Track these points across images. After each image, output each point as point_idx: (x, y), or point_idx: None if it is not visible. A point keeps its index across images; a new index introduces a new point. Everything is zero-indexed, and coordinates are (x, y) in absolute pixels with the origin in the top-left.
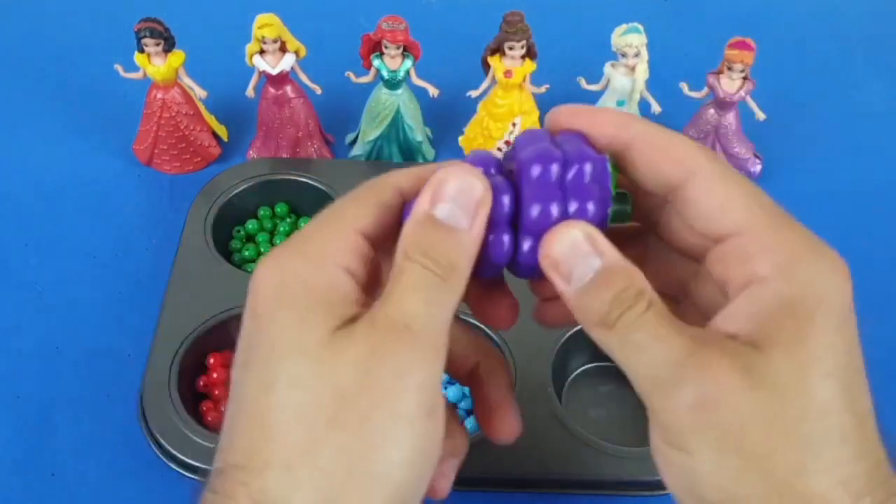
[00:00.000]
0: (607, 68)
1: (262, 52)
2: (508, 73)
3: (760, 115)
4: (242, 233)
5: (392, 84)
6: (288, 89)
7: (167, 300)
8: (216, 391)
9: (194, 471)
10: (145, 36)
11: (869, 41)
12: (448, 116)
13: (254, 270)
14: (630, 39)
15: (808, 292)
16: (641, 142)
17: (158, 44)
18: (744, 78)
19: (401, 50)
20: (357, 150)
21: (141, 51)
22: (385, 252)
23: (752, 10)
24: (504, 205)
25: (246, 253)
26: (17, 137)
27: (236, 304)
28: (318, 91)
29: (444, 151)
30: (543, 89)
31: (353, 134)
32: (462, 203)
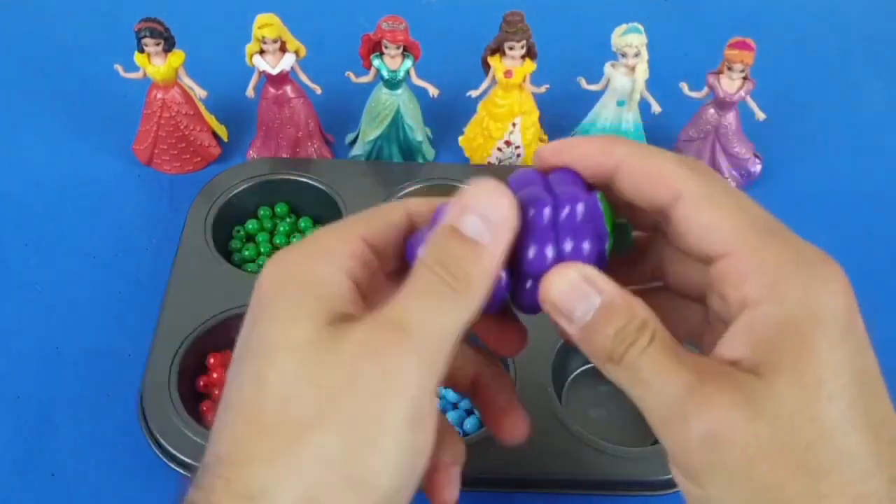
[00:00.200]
0: (607, 68)
1: (262, 52)
2: (508, 73)
3: (760, 115)
4: (242, 233)
5: (392, 84)
6: (288, 89)
7: (167, 300)
8: (216, 391)
9: (194, 471)
10: (145, 36)
11: (869, 41)
12: (448, 116)
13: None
14: (630, 39)
15: (801, 312)
16: (627, 166)
17: (158, 44)
18: (744, 78)
19: (401, 50)
20: (357, 150)
21: (141, 51)
22: (387, 271)
23: (752, 10)
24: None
25: (246, 253)
26: (17, 137)
27: (236, 304)
28: (318, 91)
29: (444, 151)
30: (543, 89)
31: (353, 134)
32: (487, 219)
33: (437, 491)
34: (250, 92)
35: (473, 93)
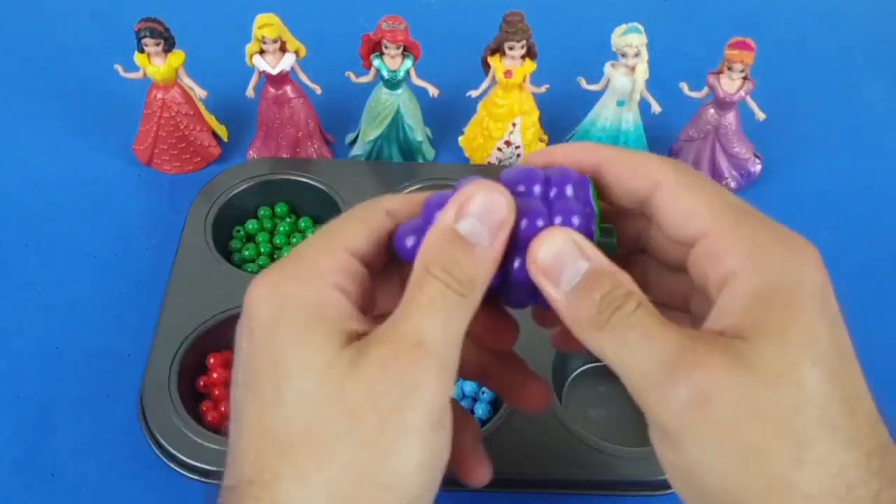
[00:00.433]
0: (607, 68)
1: (262, 52)
2: (508, 73)
3: (760, 115)
4: (242, 233)
5: (392, 84)
6: (288, 89)
7: (167, 300)
8: (216, 391)
9: (194, 471)
10: (145, 36)
11: (869, 40)
12: (448, 116)
13: (247, 292)
14: (630, 39)
15: (782, 280)
16: (609, 162)
17: (158, 44)
18: (744, 78)
19: (401, 50)
20: (357, 150)
21: (141, 51)
22: (374, 272)
23: (752, 10)
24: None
25: (246, 253)
26: (17, 137)
27: (236, 304)
28: (318, 91)
29: (444, 151)
30: (543, 89)
31: (353, 134)
32: (485, 220)
33: (471, 472)
34: (250, 92)
35: (473, 93)
